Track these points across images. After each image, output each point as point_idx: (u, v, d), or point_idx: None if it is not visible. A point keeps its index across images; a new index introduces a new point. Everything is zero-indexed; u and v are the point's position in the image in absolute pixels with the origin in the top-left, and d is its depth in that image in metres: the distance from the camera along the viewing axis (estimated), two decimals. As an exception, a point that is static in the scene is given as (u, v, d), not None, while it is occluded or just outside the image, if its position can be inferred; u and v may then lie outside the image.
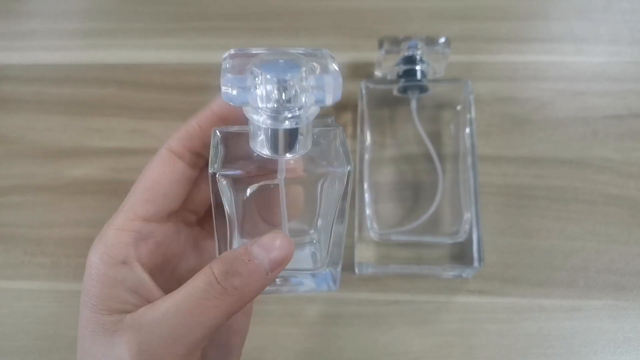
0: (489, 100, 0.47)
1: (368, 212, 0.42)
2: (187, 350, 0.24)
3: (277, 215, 0.27)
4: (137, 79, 0.50)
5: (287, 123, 0.23)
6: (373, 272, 0.41)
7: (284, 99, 0.23)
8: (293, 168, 0.26)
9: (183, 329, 0.23)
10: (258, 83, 0.22)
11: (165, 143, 0.28)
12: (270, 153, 0.24)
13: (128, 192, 0.28)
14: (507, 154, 0.45)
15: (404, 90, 0.44)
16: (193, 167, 0.29)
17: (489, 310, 0.40)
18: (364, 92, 0.45)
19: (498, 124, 0.46)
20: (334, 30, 0.51)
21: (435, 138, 0.45)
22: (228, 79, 0.22)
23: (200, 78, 0.49)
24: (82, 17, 0.54)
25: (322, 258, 0.30)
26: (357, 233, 0.41)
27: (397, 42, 0.45)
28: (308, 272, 0.31)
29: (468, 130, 0.43)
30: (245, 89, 0.22)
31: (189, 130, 0.28)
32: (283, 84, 0.22)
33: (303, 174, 0.27)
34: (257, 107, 0.23)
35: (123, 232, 0.26)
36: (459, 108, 0.45)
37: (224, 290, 0.24)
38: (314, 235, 0.31)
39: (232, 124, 0.28)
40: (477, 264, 0.40)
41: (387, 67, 0.46)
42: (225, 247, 0.29)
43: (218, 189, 0.26)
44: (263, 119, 0.23)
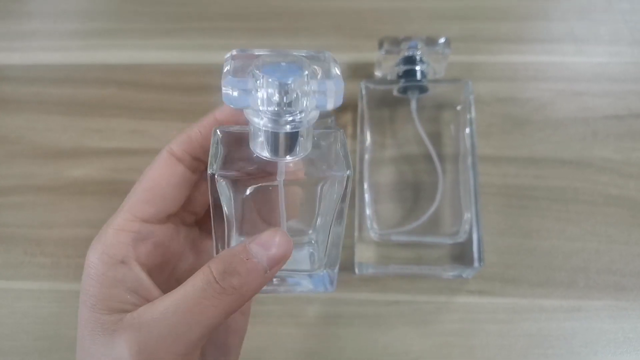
0: (489, 101, 0.47)
1: (368, 212, 0.42)
2: (186, 349, 0.24)
3: (276, 215, 0.27)
4: (137, 80, 0.50)
5: (287, 127, 0.23)
6: (373, 272, 0.41)
7: (285, 103, 0.22)
8: (293, 171, 0.26)
9: (182, 328, 0.23)
10: (259, 86, 0.22)
11: (167, 146, 0.28)
12: (270, 155, 0.24)
13: (128, 192, 0.28)
14: (507, 155, 0.45)
15: (404, 91, 0.44)
16: (193, 170, 0.29)
17: (489, 311, 0.40)
18: (364, 92, 0.45)
19: (498, 125, 0.46)
20: (334, 31, 0.51)
21: (436, 138, 0.45)
22: (229, 81, 0.22)
23: (200, 78, 0.50)
24: (82, 17, 0.54)
25: (319, 259, 0.30)
26: (357, 233, 0.41)
27: (397, 42, 0.45)
28: (306, 272, 0.31)
29: (468, 131, 0.43)
30: (247, 92, 0.22)
31: (191, 135, 0.28)
32: (284, 88, 0.22)
33: (303, 177, 0.26)
34: (257, 109, 0.23)
35: (122, 232, 0.26)
36: (459, 108, 0.45)
37: (223, 290, 0.24)
38: (313, 236, 0.31)
39: None
40: (477, 265, 0.40)
41: (387, 67, 0.46)
42: (224, 246, 0.29)
43: (216, 189, 0.26)
44: (264, 122, 0.23)
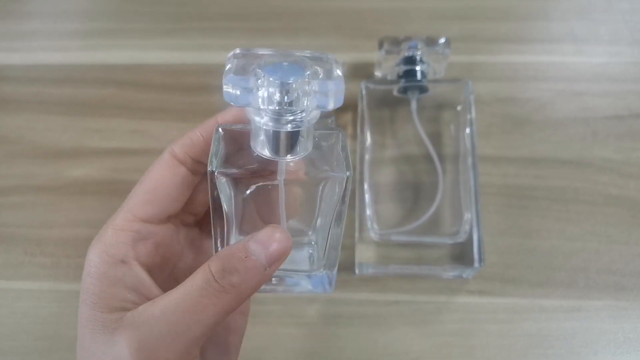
0: (489, 101, 0.47)
1: (368, 212, 0.42)
2: (186, 347, 0.24)
3: (276, 214, 0.27)
4: (137, 80, 0.50)
5: (288, 126, 0.23)
6: (373, 272, 0.41)
7: (286, 102, 0.22)
8: (294, 171, 0.26)
9: (182, 327, 0.23)
10: (261, 85, 0.22)
11: (169, 147, 0.28)
12: (271, 154, 0.24)
13: (128, 192, 0.28)
14: (507, 155, 0.45)
15: (404, 91, 0.44)
16: (194, 173, 0.29)
17: (489, 311, 0.40)
18: (364, 92, 0.45)
19: (498, 125, 0.46)
20: (334, 31, 0.51)
21: (436, 138, 0.45)
22: (230, 79, 0.22)
23: (201, 78, 0.50)
24: (82, 17, 0.54)
25: (318, 260, 0.30)
26: (357, 233, 0.41)
27: (397, 42, 0.45)
28: (305, 273, 0.31)
29: (468, 131, 0.43)
30: (248, 90, 0.22)
31: (193, 138, 0.28)
32: (286, 87, 0.22)
33: (304, 177, 0.26)
34: (259, 108, 0.23)
35: (122, 232, 0.26)
36: (459, 108, 0.45)
37: (222, 288, 0.24)
38: (312, 237, 0.31)
39: None
40: (477, 265, 0.40)
41: (387, 67, 0.46)
42: (223, 245, 0.29)
43: (216, 187, 0.26)
44: (264, 121, 0.23)
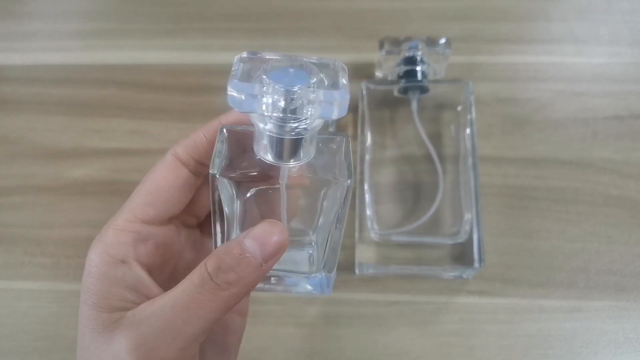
0: (490, 101, 0.47)
1: (368, 212, 0.42)
2: (184, 344, 0.24)
3: (277, 217, 0.27)
4: (137, 80, 0.50)
5: (291, 133, 0.23)
6: (373, 272, 0.41)
7: (290, 110, 0.22)
8: (297, 176, 0.26)
9: (179, 323, 0.24)
10: (265, 92, 0.22)
11: (172, 149, 0.28)
12: (273, 159, 0.24)
13: (128, 192, 0.28)
14: (507, 155, 0.45)
15: (405, 91, 0.44)
16: (197, 174, 0.29)
17: (490, 311, 0.40)
18: (365, 92, 0.45)
19: (498, 125, 0.46)
20: (335, 31, 0.51)
21: (436, 139, 0.45)
22: (235, 85, 0.22)
23: (201, 79, 0.49)
24: (82, 17, 0.54)
25: (318, 262, 0.30)
26: (357, 234, 0.41)
27: (397, 42, 0.45)
28: (304, 274, 0.31)
29: (468, 131, 0.43)
30: (252, 96, 0.22)
31: (196, 140, 0.28)
32: (290, 95, 0.22)
33: (307, 182, 0.26)
34: (262, 115, 0.23)
35: (123, 232, 0.26)
36: (460, 109, 0.45)
37: (218, 286, 0.24)
38: (313, 238, 0.30)
39: None
40: (477, 265, 0.39)
41: (387, 67, 0.46)
42: (222, 243, 0.29)
43: (217, 189, 0.26)
44: (268, 127, 0.23)
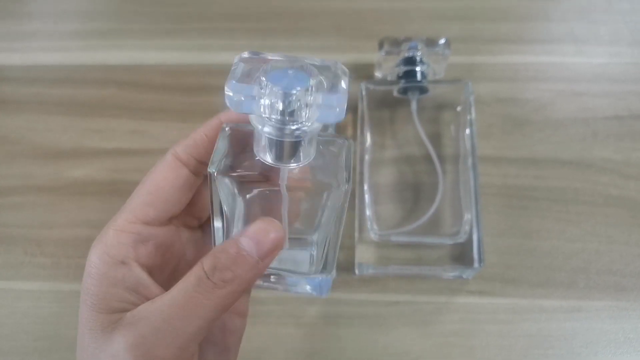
0: (489, 101, 0.47)
1: (368, 213, 0.42)
2: (181, 343, 0.24)
3: (277, 217, 0.27)
4: (137, 80, 0.50)
5: (290, 135, 0.23)
6: (373, 273, 0.41)
7: (289, 112, 0.22)
8: (299, 178, 0.26)
9: (178, 322, 0.24)
10: (263, 93, 0.22)
11: (172, 149, 0.28)
12: (272, 160, 0.24)
13: (128, 192, 0.28)
14: (507, 155, 0.45)
15: (404, 92, 0.44)
16: (197, 174, 0.29)
17: (489, 311, 0.40)
18: (364, 93, 0.45)
19: (498, 125, 0.46)
20: (335, 31, 0.51)
21: (436, 139, 0.45)
22: (232, 86, 0.22)
23: (201, 79, 0.50)
24: (82, 18, 0.54)
25: (317, 263, 0.30)
26: (357, 234, 0.41)
27: (397, 43, 0.45)
28: (303, 275, 0.31)
29: (468, 131, 0.43)
30: (249, 98, 0.22)
31: (196, 139, 0.28)
32: (289, 98, 0.22)
33: (309, 185, 0.26)
34: (261, 116, 0.23)
35: (123, 233, 0.26)
36: (459, 109, 0.45)
37: (214, 285, 0.24)
38: (314, 238, 0.31)
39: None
40: (477, 265, 0.39)
41: (387, 68, 0.46)
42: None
43: (216, 187, 0.26)
44: (266, 129, 0.23)
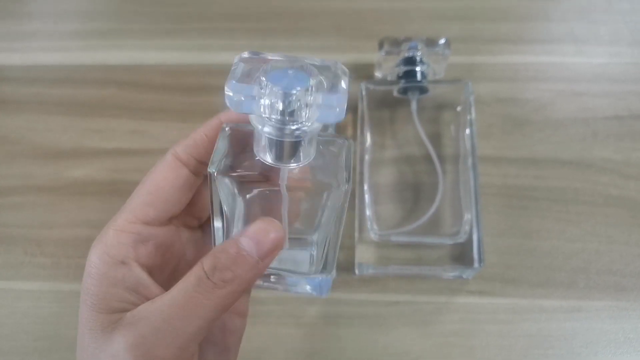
0: (489, 101, 0.47)
1: (368, 213, 0.42)
2: (181, 343, 0.24)
3: (277, 217, 0.27)
4: (137, 80, 0.50)
5: (290, 135, 0.23)
6: (373, 272, 0.41)
7: (289, 112, 0.22)
8: (299, 178, 0.26)
9: (178, 322, 0.24)
10: (263, 93, 0.22)
11: (172, 149, 0.28)
12: (272, 160, 0.24)
13: (128, 192, 0.28)
14: (507, 155, 0.45)
15: (404, 92, 0.44)
16: (197, 174, 0.29)
17: (489, 311, 0.40)
18: (364, 93, 0.45)
19: (498, 125, 0.46)
20: (334, 31, 0.51)
21: (436, 139, 0.45)
22: (232, 86, 0.22)
23: (201, 79, 0.50)
24: (82, 18, 0.54)
25: (317, 263, 0.30)
26: (357, 234, 0.41)
27: (397, 43, 0.45)
28: (303, 275, 0.31)
29: (468, 131, 0.43)
30: (249, 98, 0.22)
31: (196, 139, 0.28)
32: (289, 98, 0.22)
33: (309, 185, 0.26)
34: (260, 116, 0.23)
35: (123, 233, 0.26)
36: (459, 109, 0.45)
37: (214, 285, 0.24)
38: (314, 238, 0.31)
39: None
40: (477, 265, 0.39)
41: (387, 68, 0.46)
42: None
43: (216, 187, 0.26)
44: (266, 129, 0.23)
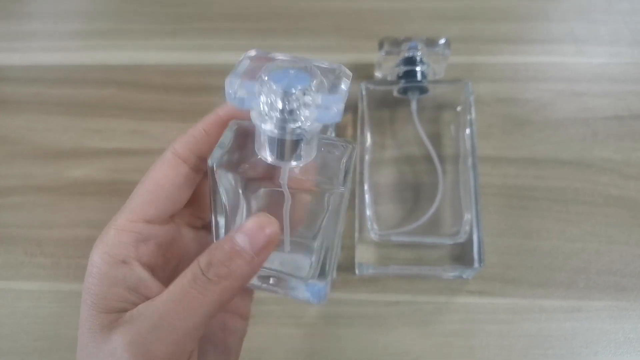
0: (489, 101, 0.47)
1: (368, 213, 0.42)
2: (178, 339, 0.24)
3: (280, 216, 0.27)
4: (137, 80, 0.50)
5: (289, 134, 0.23)
6: (373, 272, 0.41)
7: (287, 110, 0.22)
8: (301, 179, 0.26)
9: (173, 318, 0.24)
10: (263, 91, 0.22)
11: (171, 146, 0.28)
12: (271, 158, 0.24)
13: (128, 192, 0.28)
14: (507, 155, 0.45)
15: (404, 92, 0.44)
16: (197, 171, 0.29)
17: (490, 311, 0.40)
18: (364, 93, 0.45)
19: (498, 125, 0.46)
20: (335, 31, 0.51)
21: (436, 139, 0.45)
22: (232, 82, 0.22)
23: (201, 79, 0.50)
24: (82, 18, 0.54)
25: (315, 268, 0.30)
26: (357, 234, 0.41)
27: (397, 43, 0.45)
28: (301, 279, 0.31)
29: (468, 131, 0.43)
30: (250, 94, 0.22)
31: (195, 135, 0.28)
32: (288, 96, 0.22)
33: (311, 187, 0.26)
34: (260, 113, 0.23)
35: (124, 232, 0.26)
36: (459, 109, 0.45)
37: (209, 281, 0.24)
38: (314, 242, 0.30)
39: None
40: (477, 265, 0.39)
41: (387, 68, 0.46)
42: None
43: (216, 181, 0.26)
44: (267, 127, 0.23)
